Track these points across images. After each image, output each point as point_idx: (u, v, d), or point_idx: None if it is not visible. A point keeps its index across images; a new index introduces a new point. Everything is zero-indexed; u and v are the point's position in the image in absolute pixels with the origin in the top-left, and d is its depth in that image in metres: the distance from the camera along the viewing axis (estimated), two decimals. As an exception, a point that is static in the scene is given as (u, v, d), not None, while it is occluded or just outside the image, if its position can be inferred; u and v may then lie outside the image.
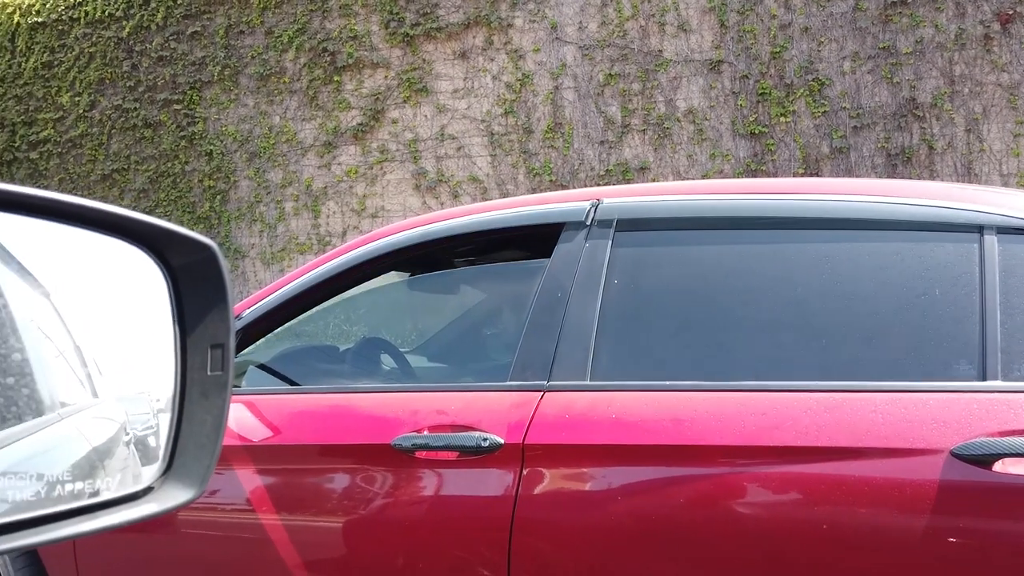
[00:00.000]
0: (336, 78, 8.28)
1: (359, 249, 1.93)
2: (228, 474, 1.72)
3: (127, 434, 0.75)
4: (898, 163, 6.97)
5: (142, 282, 0.63)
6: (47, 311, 0.72)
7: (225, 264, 0.60)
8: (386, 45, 8.15)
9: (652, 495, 1.45)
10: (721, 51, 7.33)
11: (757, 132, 7.24)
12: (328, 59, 8.30)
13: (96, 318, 0.75)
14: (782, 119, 7.16)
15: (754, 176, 7.25)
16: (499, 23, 7.83)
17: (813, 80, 7.09)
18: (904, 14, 6.87)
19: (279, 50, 8.45)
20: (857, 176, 7.03)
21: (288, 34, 8.37)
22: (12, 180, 9.40)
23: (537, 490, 1.51)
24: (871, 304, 1.52)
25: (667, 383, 1.52)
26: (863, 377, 1.45)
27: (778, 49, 7.17)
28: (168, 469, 0.59)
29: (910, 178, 6.93)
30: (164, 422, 0.70)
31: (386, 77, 8.17)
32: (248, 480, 1.71)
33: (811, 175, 7.11)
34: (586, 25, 7.65)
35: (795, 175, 7.14)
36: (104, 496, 0.55)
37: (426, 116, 8.08)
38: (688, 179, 7.38)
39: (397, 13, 8.06)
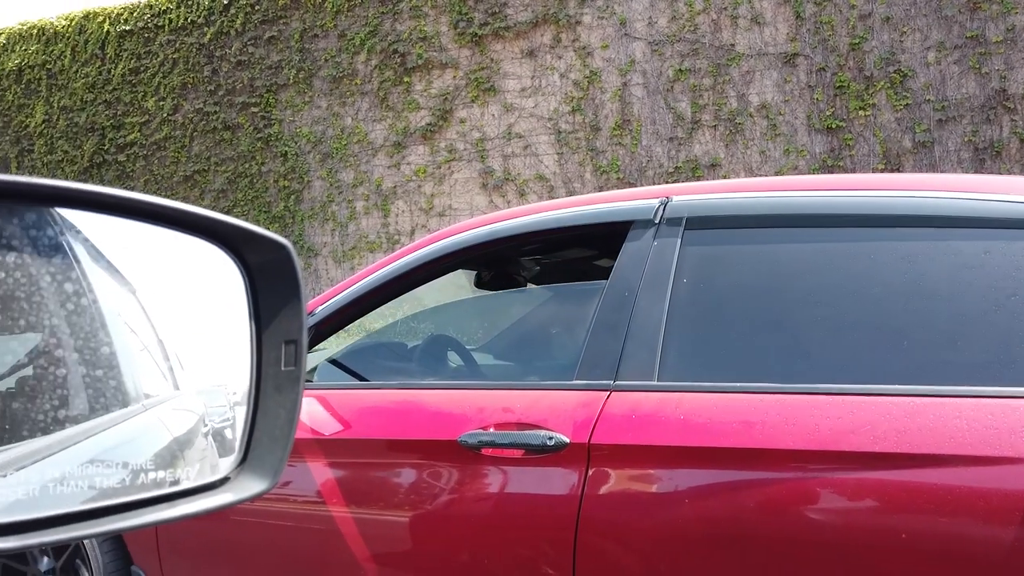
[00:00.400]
0: (406, 79, 8.41)
1: (426, 248, 1.95)
2: (300, 466, 1.77)
3: (205, 426, 0.78)
4: (986, 157, 6.64)
5: (220, 279, 0.65)
6: (133, 307, 0.76)
7: (299, 263, 0.62)
8: (455, 45, 8.24)
9: (720, 499, 1.42)
10: (796, 43, 7.12)
11: (834, 127, 7.00)
12: (398, 60, 8.43)
13: (177, 314, 0.78)
14: (861, 113, 6.91)
15: (830, 172, 7.02)
16: (567, 20, 7.80)
17: (895, 72, 6.81)
18: (994, 1, 6.53)
19: (351, 52, 8.63)
20: (941, 172, 6.72)
21: (360, 37, 8.55)
22: (102, 181, 9.89)
23: (603, 490, 1.49)
24: (957, 305, 1.45)
25: (737, 385, 1.48)
26: (947, 381, 1.38)
27: (857, 40, 6.92)
28: (243, 460, 0.61)
29: (999, 173, 6.59)
30: (240, 415, 0.72)
31: (454, 77, 8.26)
32: (319, 472, 1.75)
33: (892, 171, 6.83)
34: (656, 20, 7.56)
35: (874, 171, 6.88)
36: (184, 485, 0.57)
37: (493, 115, 8.12)
38: (761, 176, 7.20)
39: (466, 13, 8.13)
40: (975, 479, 1.28)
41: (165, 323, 0.77)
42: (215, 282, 0.66)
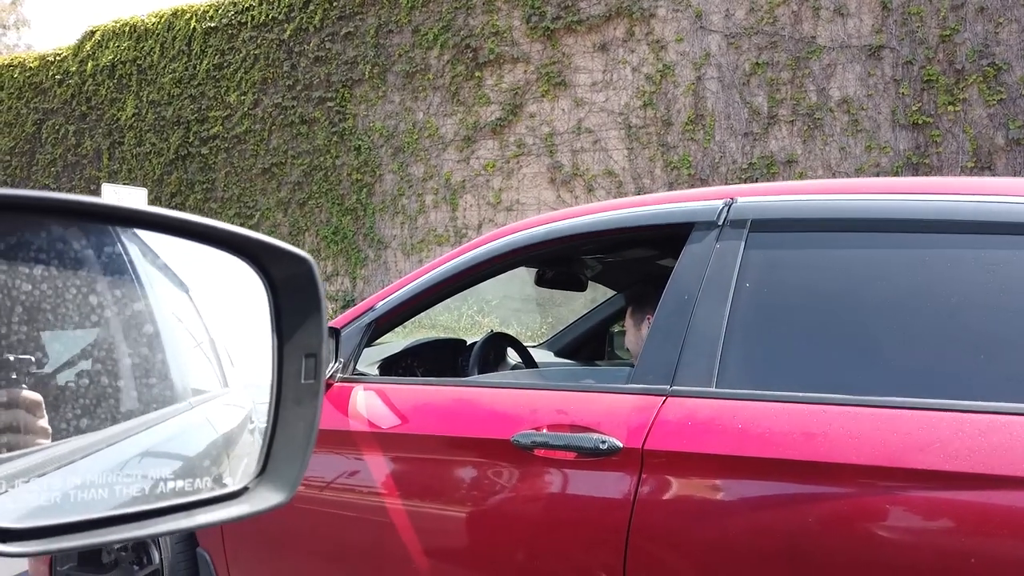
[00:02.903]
0: (477, 74, 8.45)
1: (486, 246, 1.95)
2: (358, 458, 1.80)
3: (252, 422, 0.80)
4: (1089, 156, 6.23)
5: (250, 292, 0.66)
6: (187, 307, 0.78)
7: (320, 277, 0.62)
8: (527, 40, 8.22)
9: (777, 512, 1.37)
10: (882, 35, 6.83)
11: (920, 122, 6.69)
12: (470, 55, 8.48)
13: (223, 313, 0.81)
14: (950, 108, 6.58)
15: (915, 170, 6.71)
16: (641, 14, 7.68)
17: (988, 65, 6.45)
18: (1102, -12, 6.11)
19: (425, 48, 8.73)
20: (1038, 170, 6.34)
21: (433, 32, 8.63)
22: (186, 173, 10.31)
23: (655, 497, 1.46)
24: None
25: (799, 395, 1.43)
26: (1028, 399, 1.29)
27: (948, 32, 6.58)
28: (263, 472, 0.62)
29: (1103, 172, 6.17)
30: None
31: (525, 72, 8.25)
32: (376, 465, 1.78)
33: (983, 169, 6.48)
34: (733, 12, 7.36)
35: (963, 169, 6.54)
36: (203, 495, 0.58)
37: (563, 110, 8.08)
38: (840, 173, 6.94)
39: (539, 7, 8.10)
40: (1056, 505, 1.20)
41: (214, 321, 0.79)
42: (246, 294, 0.67)
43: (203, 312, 0.73)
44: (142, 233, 0.61)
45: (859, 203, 1.59)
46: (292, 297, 0.62)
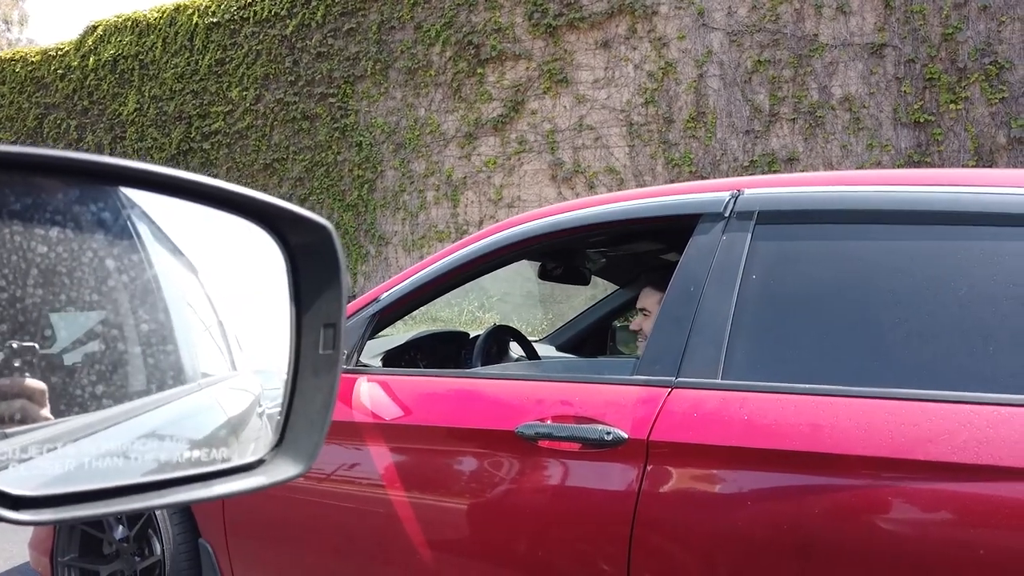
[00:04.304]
0: (479, 70, 8.44)
1: (490, 237, 1.94)
2: (360, 449, 1.79)
3: (260, 406, 0.78)
4: (1091, 155, 6.22)
5: (266, 260, 0.65)
6: (192, 286, 0.77)
7: (340, 245, 0.61)
8: (529, 36, 8.21)
9: (784, 503, 1.37)
10: (884, 33, 6.82)
11: (922, 121, 6.68)
12: (472, 52, 8.47)
13: (234, 295, 0.79)
14: (952, 106, 6.57)
15: (917, 168, 6.70)
16: (643, 11, 7.67)
17: (991, 63, 6.44)
18: (1106, -13, 6.10)
19: (427, 44, 8.71)
20: (1040, 169, 6.33)
21: (436, 28, 8.62)
22: (187, 168, 10.29)
23: (660, 488, 1.46)
24: (1050, 310, 1.35)
25: (806, 386, 1.42)
26: (1036, 391, 1.29)
27: (951, 30, 6.57)
28: (279, 443, 0.61)
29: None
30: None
31: (527, 69, 8.24)
32: (379, 456, 1.77)
33: (984, 167, 6.48)
34: (735, 10, 7.35)
35: (965, 167, 6.53)
36: (219, 466, 0.57)
37: (565, 107, 8.07)
38: (841, 171, 6.94)
39: (541, 4, 8.09)
40: (1064, 497, 1.19)
41: (223, 304, 0.78)
42: (262, 263, 0.66)
43: (214, 289, 0.72)
44: (150, 198, 0.60)
45: (866, 195, 1.58)
46: (311, 265, 0.61)
